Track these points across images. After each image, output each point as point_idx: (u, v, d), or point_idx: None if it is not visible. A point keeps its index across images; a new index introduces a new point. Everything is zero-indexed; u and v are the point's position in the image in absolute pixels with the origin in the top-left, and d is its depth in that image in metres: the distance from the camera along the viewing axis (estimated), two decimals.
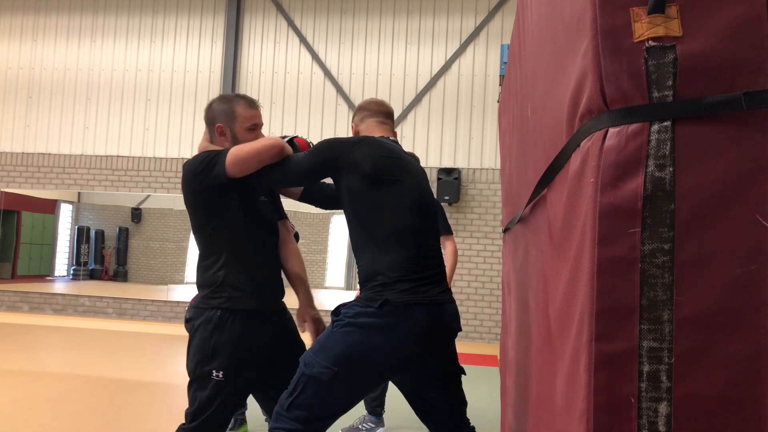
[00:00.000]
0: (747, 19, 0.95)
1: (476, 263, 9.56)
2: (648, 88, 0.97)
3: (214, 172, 2.26)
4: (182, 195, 2.41)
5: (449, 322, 2.14)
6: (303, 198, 2.56)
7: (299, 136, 2.47)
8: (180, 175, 10.36)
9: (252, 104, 2.45)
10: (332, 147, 2.22)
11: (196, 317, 2.29)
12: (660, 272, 0.94)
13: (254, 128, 2.42)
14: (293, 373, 2.27)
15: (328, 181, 2.43)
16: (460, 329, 2.20)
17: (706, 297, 0.92)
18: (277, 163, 2.28)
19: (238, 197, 2.33)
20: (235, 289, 2.28)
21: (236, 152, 2.26)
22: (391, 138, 2.41)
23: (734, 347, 0.91)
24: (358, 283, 2.17)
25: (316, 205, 2.58)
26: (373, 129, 2.43)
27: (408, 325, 2.01)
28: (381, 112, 2.47)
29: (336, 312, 2.12)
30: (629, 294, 0.96)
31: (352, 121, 2.51)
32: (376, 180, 2.13)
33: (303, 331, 2.37)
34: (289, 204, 2.72)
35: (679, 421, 0.93)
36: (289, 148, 2.34)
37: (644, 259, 0.95)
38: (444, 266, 2.27)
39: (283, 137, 2.43)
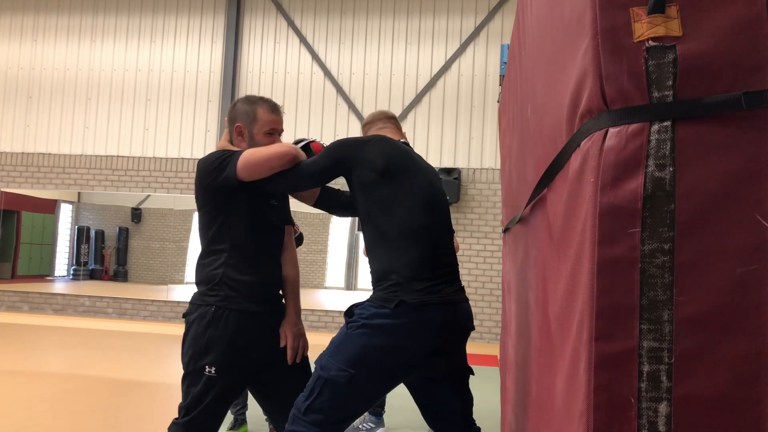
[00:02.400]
0: (747, 19, 0.95)
1: (476, 263, 9.57)
2: (648, 88, 0.97)
3: (225, 174, 2.26)
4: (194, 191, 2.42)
5: (464, 322, 2.15)
6: (318, 204, 2.51)
7: (316, 140, 2.46)
8: (180, 175, 10.37)
9: (274, 109, 2.45)
10: (344, 146, 2.22)
11: (191, 312, 2.31)
12: (660, 272, 0.94)
13: (272, 133, 2.42)
14: (288, 373, 2.29)
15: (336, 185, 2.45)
16: (473, 328, 2.21)
17: (706, 297, 0.92)
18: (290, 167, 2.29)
19: (246, 198, 2.33)
20: (232, 289, 2.29)
21: (248, 156, 2.26)
22: (402, 140, 2.43)
23: (735, 347, 0.91)
24: (371, 282, 2.14)
25: (331, 212, 2.52)
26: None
27: (424, 326, 2.00)
28: (380, 118, 2.52)
29: (349, 313, 2.10)
30: (629, 294, 0.96)
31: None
32: (388, 176, 2.12)
33: (282, 345, 2.37)
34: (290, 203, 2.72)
35: (679, 421, 0.93)
36: (302, 155, 2.32)
37: (644, 259, 0.95)
38: (457, 264, 2.26)
39: (299, 141, 2.42)
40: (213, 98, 10.55)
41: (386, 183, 2.12)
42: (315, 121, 10.28)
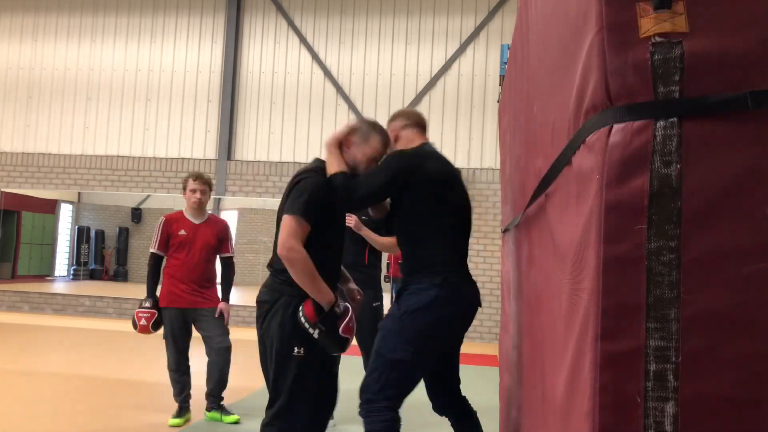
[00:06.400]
0: (755, 16, 0.94)
1: (476, 263, 9.55)
2: (653, 84, 0.96)
3: None
4: None
5: (478, 299, 2.58)
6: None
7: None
8: (180, 175, 10.33)
9: None
10: (404, 159, 2.48)
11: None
12: (666, 270, 0.93)
13: None
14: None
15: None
16: (481, 305, 2.60)
17: (713, 295, 0.91)
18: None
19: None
20: None
21: None
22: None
23: (742, 346, 0.90)
24: (411, 270, 2.48)
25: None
26: (414, 138, 2.69)
27: (458, 298, 2.44)
28: (415, 122, 2.74)
29: (398, 298, 2.47)
30: (635, 292, 0.95)
31: (389, 126, 2.72)
32: (444, 187, 2.49)
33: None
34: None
35: (686, 421, 0.91)
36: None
37: (650, 257, 0.94)
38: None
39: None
40: (213, 98, 10.54)
41: (441, 193, 2.47)
42: (315, 121, 10.27)
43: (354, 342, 2.72)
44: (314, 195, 2.41)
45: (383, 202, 2.62)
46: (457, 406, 2.66)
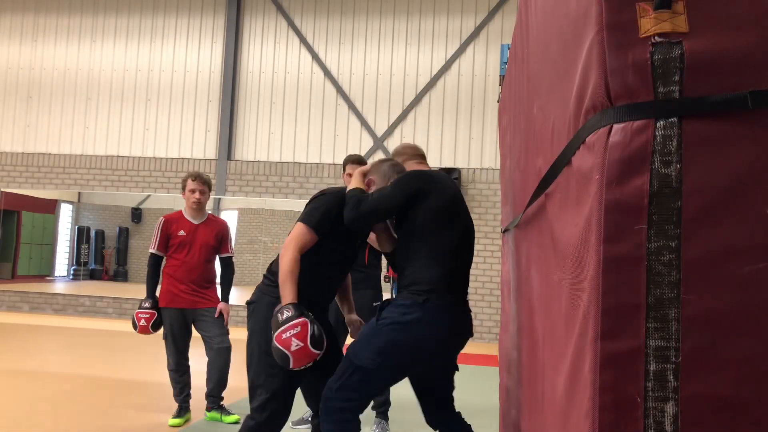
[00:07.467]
0: (755, 16, 0.94)
1: (476, 263, 9.55)
2: (653, 84, 0.96)
3: None
4: None
5: (468, 329, 2.53)
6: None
7: None
8: (180, 175, 10.35)
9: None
10: (415, 179, 2.50)
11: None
12: (667, 270, 0.93)
13: None
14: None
15: None
16: (472, 335, 2.58)
17: (713, 295, 0.91)
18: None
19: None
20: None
21: None
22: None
23: (743, 346, 0.90)
24: (402, 285, 2.48)
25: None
26: (417, 168, 2.73)
27: (441, 322, 2.40)
28: (416, 154, 2.83)
29: (381, 308, 2.47)
30: (635, 292, 0.95)
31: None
32: (447, 209, 2.49)
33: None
34: (289, 204, 2.73)
35: (686, 421, 0.91)
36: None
37: (650, 257, 0.94)
38: (469, 281, 2.62)
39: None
40: (213, 98, 10.54)
41: (444, 216, 2.47)
42: (315, 121, 10.27)
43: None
44: (329, 211, 2.54)
45: (391, 232, 2.63)
46: (451, 423, 2.67)
